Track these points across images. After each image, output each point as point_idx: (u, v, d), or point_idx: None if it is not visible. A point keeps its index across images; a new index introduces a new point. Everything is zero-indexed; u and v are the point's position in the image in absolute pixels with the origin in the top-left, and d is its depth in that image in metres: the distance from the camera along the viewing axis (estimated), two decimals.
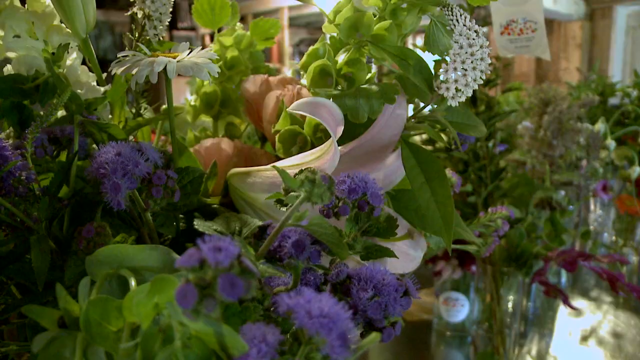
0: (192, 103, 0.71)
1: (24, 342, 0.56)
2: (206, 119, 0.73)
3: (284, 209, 0.46)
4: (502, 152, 1.11)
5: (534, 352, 1.18)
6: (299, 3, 0.63)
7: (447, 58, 0.54)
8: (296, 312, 0.29)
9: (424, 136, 1.18)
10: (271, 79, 0.66)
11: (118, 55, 0.51)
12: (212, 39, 0.77)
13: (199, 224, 0.42)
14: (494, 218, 0.74)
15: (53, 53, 0.56)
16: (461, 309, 1.21)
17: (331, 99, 0.53)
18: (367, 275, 0.42)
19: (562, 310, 1.30)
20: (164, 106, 0.72)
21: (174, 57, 0.49)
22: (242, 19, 0.75)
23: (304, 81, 0.67)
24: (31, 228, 0.47)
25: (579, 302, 1.37)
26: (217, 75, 0.50)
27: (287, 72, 1.09)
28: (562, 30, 2.81)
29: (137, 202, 0.46)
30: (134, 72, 0.49)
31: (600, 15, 2.85)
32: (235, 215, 0.46)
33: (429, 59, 0.59)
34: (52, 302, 0.51)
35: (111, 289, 0.37)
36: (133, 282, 0.35)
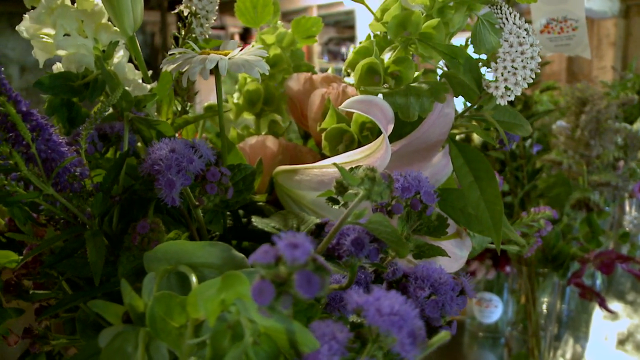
0: (235, 101, 0.72)
1: (70, 335, 0.56)
2: (248, 117, 0.73)
3: (336, 206, 0.46)
4: (539, 152, 1.10)
5: (568, 355, 1.17)
6: (328, 1, 0.63)
7: (500, 55, 0.53)
8: (366, 310, 0.29)
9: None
10: (315, 77, 0.66)
11: (169, 53, 0.52)
12: (241, 38, 0.77)
13: (257, 221, 0.42)
14: (537, 218, 0.73)
15: (103, 51, 0.56)
16: (495, 310, 1.20)
17: (381, 97, 0.52)
18: (423, 273, 0.41)
19: (597, 314, 1.28)
20: (206, 104, 0.73)
21: (225, 55, 0.49)
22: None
23: (347, 79, 0.66)
24: (84, 224, 0.47)
25: (614, 305, 1.35)
26: (267, 73, 0.50)
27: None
28: (595, 29, 2.77)
29: (189, 199, 0.46)
30: (184, 69, 0.49)
31: (636, 12, 2.80)
32: (291, 213, 0.46)
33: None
34: (100, 297, 0.52)
35: (170, 285, 0.37)
36: (194, 279, 0.35)
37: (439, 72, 0.67)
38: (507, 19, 0.55)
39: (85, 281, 0.55)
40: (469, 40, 0.69)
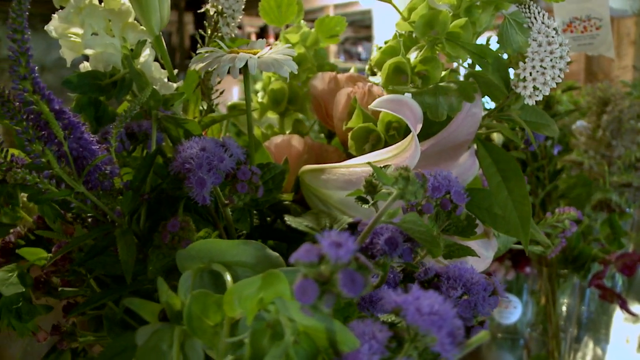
0: (259, 100, 0.72)
1: (95, 332, 0.57)
2: (272, 116, 0.73)
3: (365, 206, 0.46)
4: (560, 153, 1.09)
5: (589, 357, 1.16)
6: (345, 1, 0.62)
7: (528, 55, 0.53)
8: (406, 309, 0.29)
9: None
10: (339, 76, 0.66)
11: (197, 52, 0.52)
12: (257, 37, 0.77)
13: (290, 220, 0.42)
14: (562, 219, 0.72)
15: (131, 50, 0.56)
16: (514, 311, 1.20)
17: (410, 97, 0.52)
18: (455, 273, 0.41)
19: (618, 316, 1.27)
20: (229, 103, 0.73)
21: (254, 54, 0.49)
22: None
23: (371, 78, 0.66)
24: (113, 222, 0.48)
25: (636, 307, 1.34)
26: (296, 72, 0.50)
27: None
28: (615, 27, 2.75)
29: (218, 197, 0.46)
30: (212, 67, 0.49)
31: None
32: (323, 212, 0.46)
33: None
34: (128, 295, 0.52)
35: (203, 283, 0.37)
36: (229, 277, 0.35)
37: (461, 71, 0.67)
38: (535, 18, 0.54)
39: (111, 279, 0.55)
40: (489, 39, 0.68)
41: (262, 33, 4.39)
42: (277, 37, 0.77)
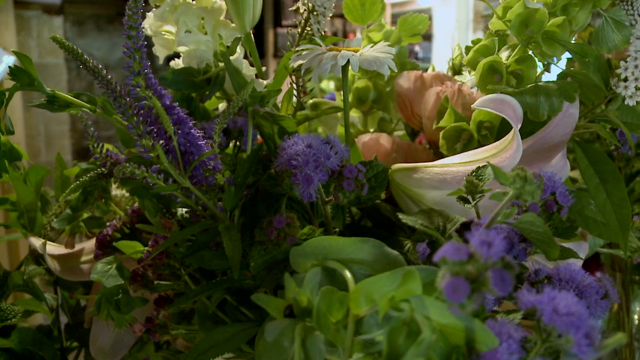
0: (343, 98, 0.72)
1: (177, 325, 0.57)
2: (354, 114, 0.73)
3: (468, 205, 0.45)
4: (638, 154, 1.07)
5: None
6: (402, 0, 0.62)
7: (631, 54, 0.52)
8: (542, 310, 0.29)
9: None
10: (425, 75, 0.66)
11: (295, 49, 0.52)
12: None
13: (404, 218, 0.42)
14: None
15: (227, 47, 0.57)
16: None
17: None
18: (567, 275, 0.40)
19: None
20: (311, 100, 0.73)
21: (356, 51, 0.49)
22: (344, 16, 0.75)
23: (457, 77, 0.65)
24: (214, 217, 0.48)
25: None
26: (396, 70, 0.50)
27: None
28: None
29: (320, 195, 0.46)
30: (314, 65, 0.49)
31: None
32: (435, 211, 0.45)
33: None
34: (224, 290, 0.52)
35: (319, 280, 0.37)
36: (349, 274, 0.35)
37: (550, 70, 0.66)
38: (638, 15, 0.53)
39: (201, 274, 0.56)
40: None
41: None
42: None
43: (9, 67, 0.49)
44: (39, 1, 2.48)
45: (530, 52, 0.59)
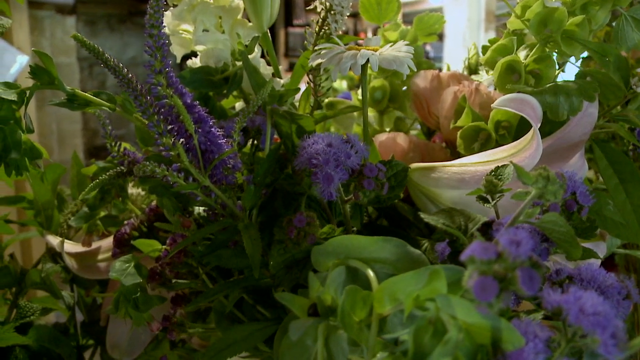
0: (360, 97, 0.72)
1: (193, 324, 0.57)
2: (370, 114, 0.73)
3: (488, 205, 0.45)
4: None
5: None
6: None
7: None
8: (568, 309, 0.29)
9: None
10: (441, 74, 0.66)
11: (315, 48, 0.52)
12: None
13: (426, 217, 0.42)
14: None
15: (246, 46, 0.57)
16: None
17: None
18: (588, 275, 0.40)
19: None
20: (327, 100, 0.73)
21: (375, 50, 0.49)
22: (355, 15, 0.75)
23: (474, 77, 0.65)
24: (233, 216, 0.48)
25: None
26: (415, 70, 0.50)
27: None
28: None
29: (339, 194, 0.46)
30: (334, 64, 0.49)
31: None
32: (456, 210, 0.45)
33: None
34: (241, 289, 0.52)
35: (341, 279, 0.37)
36: (372, 273, 0.35)
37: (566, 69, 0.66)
38: None
39: (217, 272, 0.56)
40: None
41: None
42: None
43: (30, 66, 0.49)
44: (52, 1, 2.49)
45: (548, 52, 0.59)
